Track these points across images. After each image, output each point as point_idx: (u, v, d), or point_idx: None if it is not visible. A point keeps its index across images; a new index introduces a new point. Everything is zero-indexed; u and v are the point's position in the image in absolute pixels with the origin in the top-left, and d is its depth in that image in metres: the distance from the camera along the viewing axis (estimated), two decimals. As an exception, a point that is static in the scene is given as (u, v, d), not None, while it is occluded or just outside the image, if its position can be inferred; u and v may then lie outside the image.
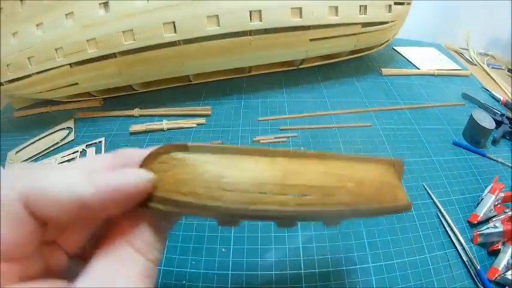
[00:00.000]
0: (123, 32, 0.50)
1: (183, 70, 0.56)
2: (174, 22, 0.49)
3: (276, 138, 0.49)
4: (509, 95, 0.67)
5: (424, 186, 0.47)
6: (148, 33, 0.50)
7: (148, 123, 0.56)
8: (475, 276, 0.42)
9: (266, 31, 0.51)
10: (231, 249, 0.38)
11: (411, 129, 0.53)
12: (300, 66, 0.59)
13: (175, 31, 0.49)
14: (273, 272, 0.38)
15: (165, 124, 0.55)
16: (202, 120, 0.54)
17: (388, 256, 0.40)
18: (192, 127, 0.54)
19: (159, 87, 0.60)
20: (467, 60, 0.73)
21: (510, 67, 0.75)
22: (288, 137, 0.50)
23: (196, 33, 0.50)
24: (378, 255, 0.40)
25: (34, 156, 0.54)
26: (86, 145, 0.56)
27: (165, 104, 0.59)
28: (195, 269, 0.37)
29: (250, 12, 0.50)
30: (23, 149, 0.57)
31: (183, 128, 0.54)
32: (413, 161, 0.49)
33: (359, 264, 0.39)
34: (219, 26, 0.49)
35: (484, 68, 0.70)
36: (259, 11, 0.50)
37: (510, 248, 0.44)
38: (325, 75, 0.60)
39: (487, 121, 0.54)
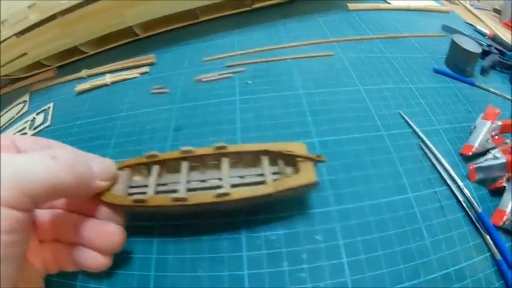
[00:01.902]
0: (60, -9, 0.38)
1: (124, 21, 0.43)
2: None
3: (220, 75, 0.35)
4: (497, 32, 0.49)
5: (400, 114, 0.31)
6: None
7: (92, 81, 0.43)
8: (476, 221, 0.26)
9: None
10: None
11: (382, 58, 0.38)
12: (253, 6, 0.45)
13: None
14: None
15: (108, 79, 0.42)
16: (145, 69, 0.41)
17: (356, 197, 0.25)
18: (135, 77, 0.40)
19: (108, 47, 0.48)
20: (449, 0, 0.56)
21: (497, 8, 0.57)
22: (235, 72, 0.35)
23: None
24: (343, 196, 0.25)
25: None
26: (36, 113, 0.44)
27: (114, 61, 0.45)
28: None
29: None
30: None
31: (126, 79, 0.41)
32: (385, 88, 0.34)
33: (317, 208, 0.24)
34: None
35: (466, 7, 0.53)
36: None
37: (519, 184, 0.28)
38: (284, 14, 0.45)
39: (471, 45, 0.38)
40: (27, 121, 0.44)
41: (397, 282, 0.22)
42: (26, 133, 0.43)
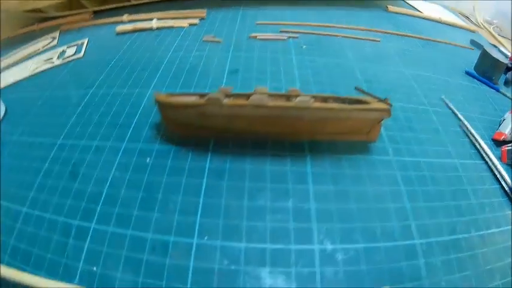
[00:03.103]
0: None
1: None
2: None
3: (275, 36, 0.35)
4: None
5: (442, 99, 0.33)
6: None
7: (136, 23, 0.41)
8: (510, 194, 0.28)
9: None
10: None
11: (421, 53, 0.41)
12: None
13: None
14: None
15: (154, 23, 0.40)
16: (195, 21, 0.40)
17: (411, 153, 0.26)
18: (183, 26, 0.40)
19: (153, -1, 0.46)
20: (473, 23, 0.62)
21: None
22: (289, 37, 0.36)
23: None
24: (399, 150, 0.26)
25: (17, 62, 0.41)
26: (67, 46, 0.42)
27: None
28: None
29: None
30: (7, 58, 0.43)
31: (173, 27, 0.40)
32: (426, 75, 0.36)
33: (378, 155, 0.24)
34: None
35: (490, 32, 0.58)
36: None
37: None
38: (330, 2, 0.47)
39: (499, 55, 0.42)
40: (55, 52, 0.41)
41: (453, 233, 0.22)
42: (53, 62, 0.40)
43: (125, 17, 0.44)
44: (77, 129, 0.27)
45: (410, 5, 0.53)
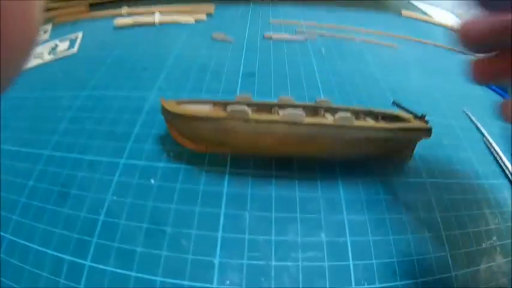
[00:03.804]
0: None
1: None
2: None
3: (291, 36, 0.31)
4: None
5: (464, 112, 0.30)
6: None
7: (137, 17, 0.36)
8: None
9: None
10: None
11: (437, 61, 0.39)
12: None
13: None
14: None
15: (157, 17, 0.35)
16: (202, 16, 0.35)
17: (443, 174, 0.23)
18: (189, 22, 0.34)
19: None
20: None
21: None
22: (307, 38, 0.31)
23: None
24: (432, 171, 0.23)
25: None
26: (59, 40, 0.36)
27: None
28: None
29: None
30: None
31: (178, 22, 0.34)
32: (446, 85, 0.34)
33: (413, 178, 0.21)
34: None
35: None
36: None
37: None
38: (344, 3, 0.43)
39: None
40: (46, 47, 0.35)
41: (482, 262, 0.20)
42: (43, 58, 0.34)
43: (124, 10, 0.38)
44: (68, 139, 0.23)
45: (418, 8, 0.50)
